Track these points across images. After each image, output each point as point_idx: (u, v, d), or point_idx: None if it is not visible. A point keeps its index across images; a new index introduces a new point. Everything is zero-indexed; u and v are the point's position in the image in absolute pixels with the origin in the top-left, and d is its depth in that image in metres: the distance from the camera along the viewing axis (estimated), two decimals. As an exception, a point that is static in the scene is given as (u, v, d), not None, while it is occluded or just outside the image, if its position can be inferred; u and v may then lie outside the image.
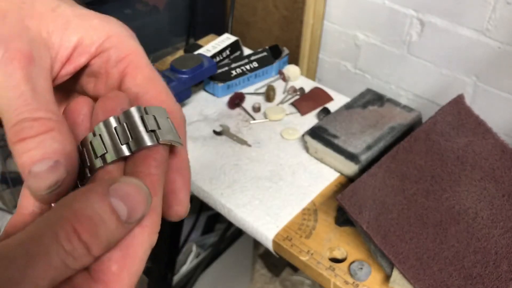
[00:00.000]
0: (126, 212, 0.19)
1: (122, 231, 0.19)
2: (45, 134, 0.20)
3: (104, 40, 0.24)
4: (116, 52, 0.24)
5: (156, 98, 0.24)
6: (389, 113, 0.84)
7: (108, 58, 0.24)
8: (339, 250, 0.69)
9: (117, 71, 0.24)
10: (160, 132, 0.22)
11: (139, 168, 0.21)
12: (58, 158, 0.20)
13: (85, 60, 0.24)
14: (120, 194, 0.19)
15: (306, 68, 1.30)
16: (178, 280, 1.29)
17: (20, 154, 0.20)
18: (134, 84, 0.24)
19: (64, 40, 0.23)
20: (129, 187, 0.19)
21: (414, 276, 0.61)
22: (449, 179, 0.67)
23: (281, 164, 0.82)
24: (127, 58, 0.24)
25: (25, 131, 0.20)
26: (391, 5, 1.10)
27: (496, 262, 0.60)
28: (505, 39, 0.97)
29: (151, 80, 0.24)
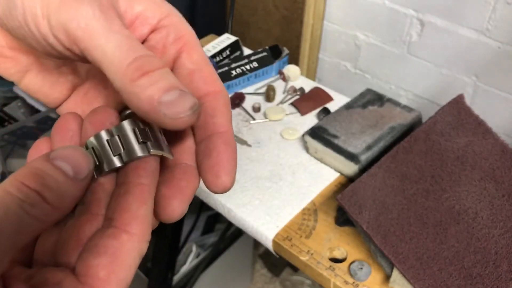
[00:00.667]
0: (70, 168, 0.20)
1: (73, 185, 0.20)
2: (163, 68, 0.21)
3: (165, 16, 0.25)
4: (175, 30, 0.25)
5: (209, 76, 0.25)
6: (389, 113, 0.84)
7: (167, 35, 0.25)
8: (339, 250, 0.69)
9: (174, 48, 0.25)
10: (152, 144, 0.23)
11: (129, 178, 0.22)
12: (182, 88, 0.21)
13: (146, 31, 0.25)
14: (61, 156, 0.21)
15: (306, 68, 1.30)
16: (178, 280, 1.29)
17: (145, 88, 0.20)
18: (190, 61, 0.25)
19: (129, 7, 0.24)
20: (68, 150, 0.21)
21: (414, 276, 0.61)
22: (449, 179, 0.67)
23: (281, 164, 0.82)
24: (184, 38, 0.25)
25: (147, 66, 0.20)
26: (391, 5, 1.10)
27: (496, 262, 0.60)
28: (505, 39, 0.97)
29: (205, 61, 0.26)
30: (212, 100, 0.25)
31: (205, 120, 0.25)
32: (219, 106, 0.25)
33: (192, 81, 0.25)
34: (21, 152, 1.20)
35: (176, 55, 0.25)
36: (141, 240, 0.21)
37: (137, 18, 0.25)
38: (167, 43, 0.25)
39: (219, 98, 0.25)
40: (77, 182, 0.21)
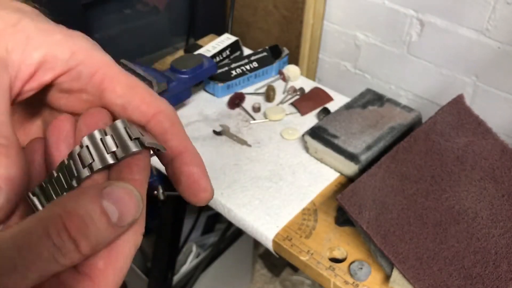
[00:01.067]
0: (117, 215, 0.19)
1: (112, 233, 0.20)
2: None
3: (69, 57, 0.23)
4: (86, 68, 0.24)
5: (142, 102, 0.24)
6: (389, 113, 0.84)
7: (78, 75, 0.24)
8: (339, 250, 0.69)
9: (92, 86, 0.24)
10: (144, 139, 0.23)
11: (122, 174, 0.22)
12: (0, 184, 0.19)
13: (50, 77, 0.23)
14: (113, 198, 0.19)
15: (306, 68, 1.30)
16: (178, 280, 1.29)
17: None
18: (116, 97, 0.24)
19: (25, 57, 0.22)
20: (122, 191, 0.20)
21: (414, 276, 0.61)
22: (449, 179, 0.67)
23: (281, 164, 0.82)
24: (100, 72, 0.24)
25: None
26: (391, 5, 1.10)
27: (496, 262, 0.60)
28: (505, 39, 0.97)
29: (131, 87, 0.24)
30: (156, 125, 0.24)
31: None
32: (165, 128, 0.24)
33: (128, 116, 0.24)
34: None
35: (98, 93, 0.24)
36: (136, 232, 0.21)
37: (39, 66, 0.23)
38: (82, 84, 0.24)
39: (162, 120, 0.24)
40: (116, 230, 0.20)
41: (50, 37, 0.23)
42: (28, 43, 0.22)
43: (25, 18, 0.22)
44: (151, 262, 1.25)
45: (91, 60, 0.24)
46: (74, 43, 0.23)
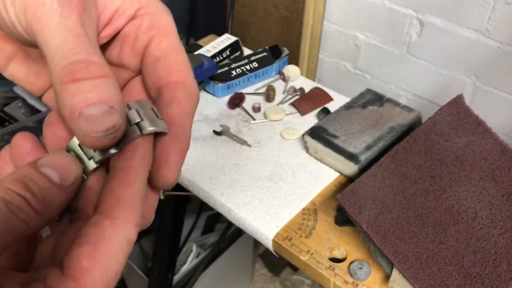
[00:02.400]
0: (57, 176, 0.21)
1: (60, 192, 0.21)
2: (102, 78, 0.20)
3: (142, 6, 0.24)
4: (150, 19, 0.24)
5: (175, 65, 0.24)
6: (388, 113, 0.84)
7: (140, 23, 0.24)
8: (339, 249, 0.69)
9: (146, 36, 0.24)
10: (143, 124, 0.22)
11: (116, 163, 0.22)
12: (113, 104, 0.19)
13: (123, 22, 0.24)
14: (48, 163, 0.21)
15: (306, 68, 1.30)
16: (178, 280, 1.29)
17: (72, 95, 0.19)
18: (158, 49, 0.24)
19: (107, 2, 0.23)
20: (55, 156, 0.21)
21: (413, 275, 0.61)
22: (449, 179, 0.67)
23: (281, 164, 0.82)
24: (158, 26, 0.24)
25: (81, 72, 0.19)
26: (391, 5, 1.10)
27: (495, 262, 0.60)
28: (504, 39, 0.97)
29: (175, 49, 0.24)
30: (171, 89, 0.24)
31: (160, 109, 0.24)
32: (177, 97, 0.24)
33: (155, 69, 0.24)
34: (21, 152, 1.20)
35: (147, 43, 0.25)
36: (126, 225, 0.20)
37: (116, 11, 0.24)
38: (139, 31, 0.25)
39: (179, 89, 0.24)
40: (64, 189, 0.21)
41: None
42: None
43: None
44: (151, 262, 1.25)
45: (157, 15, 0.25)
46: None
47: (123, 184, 0.21)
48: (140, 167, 0.22)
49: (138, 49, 0.25)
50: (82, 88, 0.19)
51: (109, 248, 0.19)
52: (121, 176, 0.21)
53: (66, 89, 0.19)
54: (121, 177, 0.21)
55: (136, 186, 0.21)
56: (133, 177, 0.21)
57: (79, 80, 0.19)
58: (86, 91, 0.19)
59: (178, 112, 0.23)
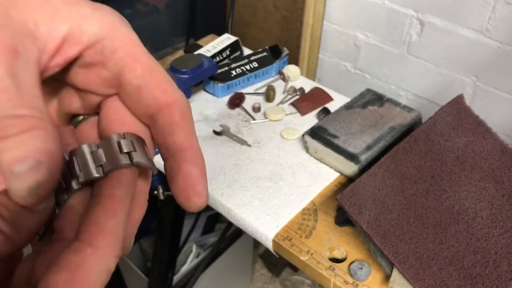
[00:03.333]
0: None
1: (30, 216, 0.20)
2: (28, 132, 0.19)
3: (96, 31, 0.22)
4: (111, 42, 0.23)
5: (158, 88, 0.23)
6: (388, 113, 0.84)
7: (102, 49, 0.23)
8: (339, 250, 0.69)
9: (113, 63, 0.23)
10: (135, 154, 0.22)
11: (101, 190, 0.21)
12: (40, 158, 0.18)
13: (76, 51, 0.22)
14: None
15: (306, 68, 1.30)
16: (178, 280, 1.29)
17: (1, 153, 0.18)
18: (134, 77, 0.23)
19: (52, 30, 0.21)
20: None
21: (413, 276, 0.61)
22: (449, 179, 0.67)
23: (281, 164, 0.82)
24: (123, 49, 0.23)
25: (6, 129, 0.18)
26: (391, 5, 1.10)
27: (496, 262, 0.60)
28: (504, 39, 0.97)
29: (151, 70, 0.23)
30: (167, 115, 0.23)
31: (164, 139, 0.23)
32: (175, 120, 0.23)
33: (141, 99, 0.23)
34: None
35: (117, 70, 0.23)
36: (107, 255, 0.20)
37: (65, 40, 0.22)
38: (103, 58, 0.23)
39: (173, 111, 0.23)
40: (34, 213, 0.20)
41: (77, 10, 0.22)
42: (55, 16, 0.21)
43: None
44: (151, 262, 1.25)
45: (117, 36, 0.23)
46: (102, 17, 0.23)
47: (108, 212, 0.20)
48: (126, 196, 0.21)
49: (107, 77, 0.24)
50: (8, 145, 0.18)
51: (88, 278, 0.19)
52: (106, 204, 0.21)
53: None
54: (106, 205, 0.21)
55: (120, 215, 0.21)
56: (118, 207, 0.21)
57: (6, 137, 0.18)
58: (12, 148, 0.18)
59: (183, 137, 0.23)
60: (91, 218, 0.20)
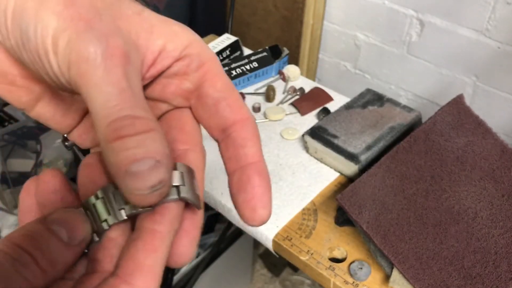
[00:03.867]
0: (65, 233, 0.20)
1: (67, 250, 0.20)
2: (147, 133, 0.19)
3: (186, 46, 0.24)
4: (198, 58, 0.24)
5: (235, 104, 0.25)
6: (389, 113, 0.84)
7: (189, 63, 0.24)
8: (339, 250, 0.69)
9: (197, 76, 0.25)
10: (183, 189, 0.21)
11: (143, 223, 0.21)
12: (159, 158, 0.19)
13: (168, 64, 0.24)
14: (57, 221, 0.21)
15: (306, 68, 1.30)
16: (178, 280, 1.29)
17: (117, 153, 0.19)
18: (214, 90, 0.25)
19: (150, 43, 0.23)
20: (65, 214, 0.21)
21: (414, 276, 0.61)
22: (449, 179, 0.67)
23: (281, 164, 0.82)
24: (207, 65, 0.25)
25: (126, 129, 0.19)
26: (391, 5, 1.10)
27: (495, 262, 0.60)
28: (504, 39, 0.97)
29: (229, 88, 0.25)
30: (241, 129, 0.25)
31: (235, 151, 0.24)
32: (248, 135, 0.24)
33: (218, 111, 0.25)
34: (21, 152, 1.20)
35: (198, 83, 0.25)
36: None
37: (160, 53, 0.23)
38: (188, 71, 0.25)
39: (248, 126, 0.25)
40: (71, 248, 0.21)
41: (170, 28, 0.24)
42: (152, 31, 0.23)
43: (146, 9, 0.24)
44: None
45: (203, 53, 0.24)
46: (190, 35, 0.24)
47: (148, 248, 0.20)
48: (168, 232, 0.21)
49: (188, 88, 0.25)
50: (127, 145, 0.19)
51: None
52: (147, 239, 0.20)
53: (112, 147, 0.19)
54: (147, 240, 0.20)
55: (160, 252, 0.20)
56: (159, 243, 0.20)
57: (124, 137, 0.19)
58: (131, 148, 0.19)
59: (254, 151, 0.24)
60: (130, 253, 0.20)
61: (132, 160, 0.19)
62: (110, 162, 0.19)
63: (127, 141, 0.19)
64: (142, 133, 0.19)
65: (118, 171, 0.19)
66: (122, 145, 0.19)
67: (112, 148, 0.19)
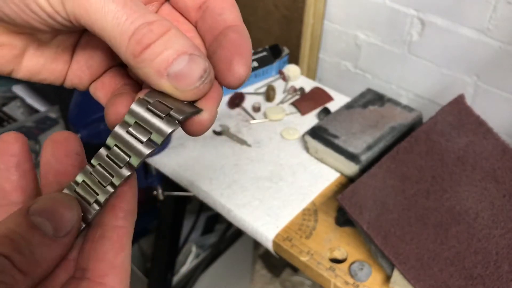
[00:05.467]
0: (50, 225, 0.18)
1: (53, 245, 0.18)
2: (167, 33, 0.19)
3: None
4: None
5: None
6: (389, 113, 0.84)
7: None
8: (339, 250, 0.69)
9: None
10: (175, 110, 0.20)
11: (105, 219, 0.20)
12: (191, 51, 0.19)
13: None
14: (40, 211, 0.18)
15: (306, 68, 1.30)
16: (178, 281, 1.28)
17: (150, 62, 0.19)
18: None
19: None
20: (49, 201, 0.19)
21: (414, 276, 0.61)
22: (450, 180, 0.67)
23: (281, 164, 0.82)
24: None
25: (147, 37, 0.19)
26: (392, 4, 1.10)
27: (497, 263, 0.59)
28: (506, 39, 0.97)
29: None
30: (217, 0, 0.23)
31: (213, 21, 0.22)
32: (226, 5, 0.22)
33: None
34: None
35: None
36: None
37: None
38: None
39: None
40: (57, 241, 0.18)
41: None
42: None
43: None
44: (150, 263, 1.24)
45: None
46: None
47: (116, 247, 0.20)
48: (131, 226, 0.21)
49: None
50: (155, 50, 0.19)
51: None
52: (114, 238, 0.20)
53: (142, 59, 0.19)
54: (114, 239, 0.20)
55: (128, 249, 0.20)
56: (126, 240, 0.20)
57: (149, 45, 0.19)
58: (161, 52, 0.19)
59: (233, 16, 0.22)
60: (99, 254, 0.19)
61: (169, 62, 0.19)
62: (148, 74, 0.19)
63: (155, 47, 0.19)
64: (163, 34, 0.19)
65: (160, 78, 0.19)
66: (152, 53, 0.19)
67: (143, 60, 0.19)
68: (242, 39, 0.21)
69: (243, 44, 0.21)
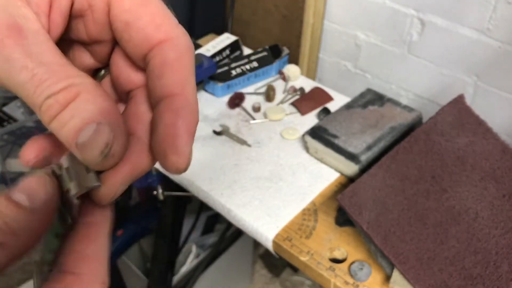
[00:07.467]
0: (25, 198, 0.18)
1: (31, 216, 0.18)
2: (76, 100, 0.18)
3: None
4: None
5: (151, 23, 0.20)
6: (389, 113, 0.84)
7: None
8: (339, 250, 0.69)
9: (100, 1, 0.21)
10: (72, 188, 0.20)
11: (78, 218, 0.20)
12: (98, 119, 0.18)
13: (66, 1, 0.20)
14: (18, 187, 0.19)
15: (306, 68, 1.30)
16: (178, 281, 1.28)
17: (60, 131, 0.18)
18: (122, 11, 0.20)
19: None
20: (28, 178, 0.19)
21: (414, 276, 0.61)
22: (450, 179, 0.67)
23: (281, 164, 0.82)
24: None
25: (53, 108, 0.18)
26: (392, 4, 1.10)
27: (496, 263, 0.59)
28: (505, 39, 0.97)
29: (143, 3, 0.20)
30: (158, 54, 0.20)
31: (151, 82, 0.20)
32: (167, 61, 0.20)
33: (131, 38, 0.20)
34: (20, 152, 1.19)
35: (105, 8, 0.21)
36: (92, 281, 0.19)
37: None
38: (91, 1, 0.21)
39: (167, 50, 0.20)
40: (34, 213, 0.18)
41: None
42: None
43: None
44: (150, 263, 1.24)
45: None
46: None
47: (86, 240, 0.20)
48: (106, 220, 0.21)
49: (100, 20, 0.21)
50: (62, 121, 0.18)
51: None
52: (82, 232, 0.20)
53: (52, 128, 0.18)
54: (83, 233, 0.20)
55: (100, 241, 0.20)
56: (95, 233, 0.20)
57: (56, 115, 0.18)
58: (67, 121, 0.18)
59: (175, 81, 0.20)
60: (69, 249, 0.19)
61: (76, 132, 0.18)
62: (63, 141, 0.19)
63: (61, 117, 0.18)
64: (70, 102, 0.18)
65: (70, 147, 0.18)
66: (59, 123, 0.18)
67: (54, 130, 0.18)
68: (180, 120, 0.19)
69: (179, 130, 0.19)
